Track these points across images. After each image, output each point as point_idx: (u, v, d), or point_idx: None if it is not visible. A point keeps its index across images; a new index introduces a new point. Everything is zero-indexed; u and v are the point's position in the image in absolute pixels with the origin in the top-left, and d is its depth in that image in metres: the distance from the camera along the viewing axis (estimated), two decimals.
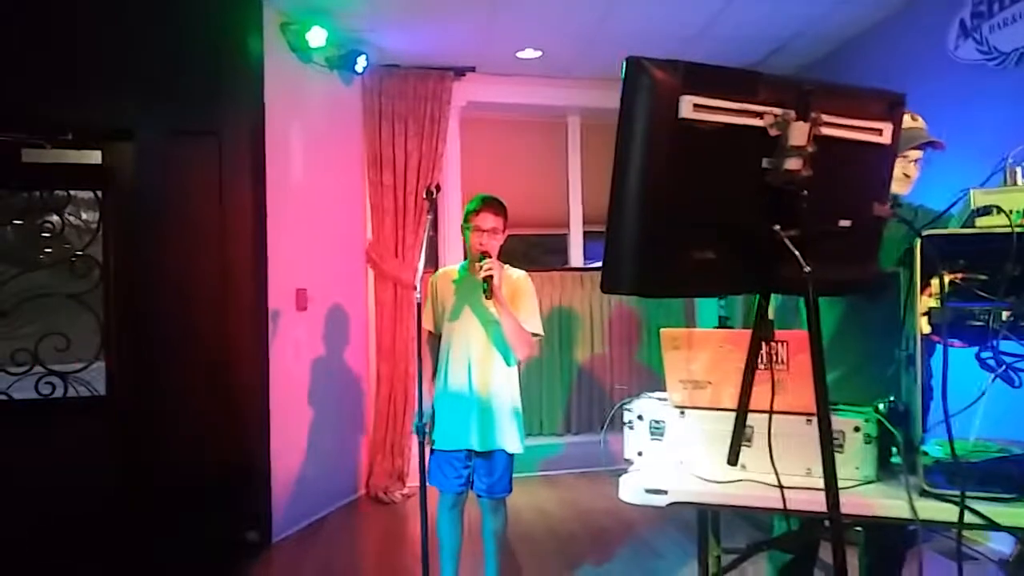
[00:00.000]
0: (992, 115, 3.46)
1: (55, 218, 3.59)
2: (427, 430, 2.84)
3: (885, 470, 1.87)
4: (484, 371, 2.89)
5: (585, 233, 5.77)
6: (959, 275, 1.68)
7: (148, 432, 3.55)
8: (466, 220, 2.91)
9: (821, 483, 1.67)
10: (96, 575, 3.32)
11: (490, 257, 2.78)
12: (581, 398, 5.67)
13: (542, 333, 2.96)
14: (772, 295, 1.20)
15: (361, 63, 4.60)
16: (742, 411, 1.17)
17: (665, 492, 1.89)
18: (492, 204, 2.90)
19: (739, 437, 1.21)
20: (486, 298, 2.75)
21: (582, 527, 4.20)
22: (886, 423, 1.83)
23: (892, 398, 1.90)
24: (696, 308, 5.79)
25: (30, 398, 3.51)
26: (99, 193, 3.62)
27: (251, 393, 3.82)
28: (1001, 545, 3.20)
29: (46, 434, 3.47)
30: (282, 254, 4.03)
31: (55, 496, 3.40)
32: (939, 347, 1.66)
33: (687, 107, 0.97)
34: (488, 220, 2.85)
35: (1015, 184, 1.68)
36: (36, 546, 3.33)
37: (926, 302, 1.67)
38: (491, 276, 2.72)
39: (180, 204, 3.66)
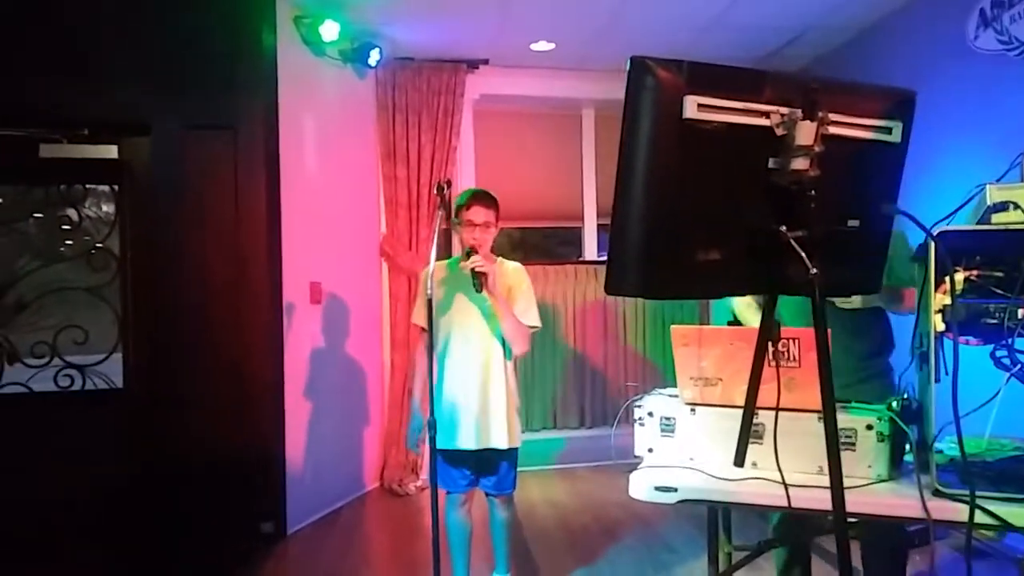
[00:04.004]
0: (1012, 106, 3.40)
1: (73, 212, 3.64)
2: (421, 433, 2.87)
3: (898, 468, 1.85)
4: (484, 367, 2.85)
5: (599, 226, 5.75)
6: (975, 272, 1.66)
7: (164, 425, 3.58)
8: (456, 215, 2.88)
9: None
10: (113, 566, 3.37)
11: (477, 253, 2.73)
12: (595, 392, 5.66)
13: (539, 325, 2.92)
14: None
15: (374, 56, 4.59)
16: (748, 414, 1.16)
17: (675, 489, 1.89)
18: (482, 198, 2.86)
19: (745, 439, 1.20)
20: (476, 291, 2.71)
21: (594, 520, 4.20)
22: (899, 421, 1.81)
23: (906, 395, 1.89)
24: (710, 302, 5.76)
25: (49, 390, 3.56)
26: (115, 187, 3.66)
27: (266, 386, 3.85)
28: (1017, 542, 3.16)
29: (64, 426, 3.52)
30: (296, 248, 4.05)
31: (73, 487, 3.45)
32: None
33: (691, 107, 0.96)
34: (480, 214, 2.81)
35: None
36: (55, 537, 3.39)
37: (940, 299, 1.65)
38: (482, 272, 2.68)
39: (195, 198, 3.69)
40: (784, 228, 1.01)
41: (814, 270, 0.97)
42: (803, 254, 0.98)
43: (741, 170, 1.03)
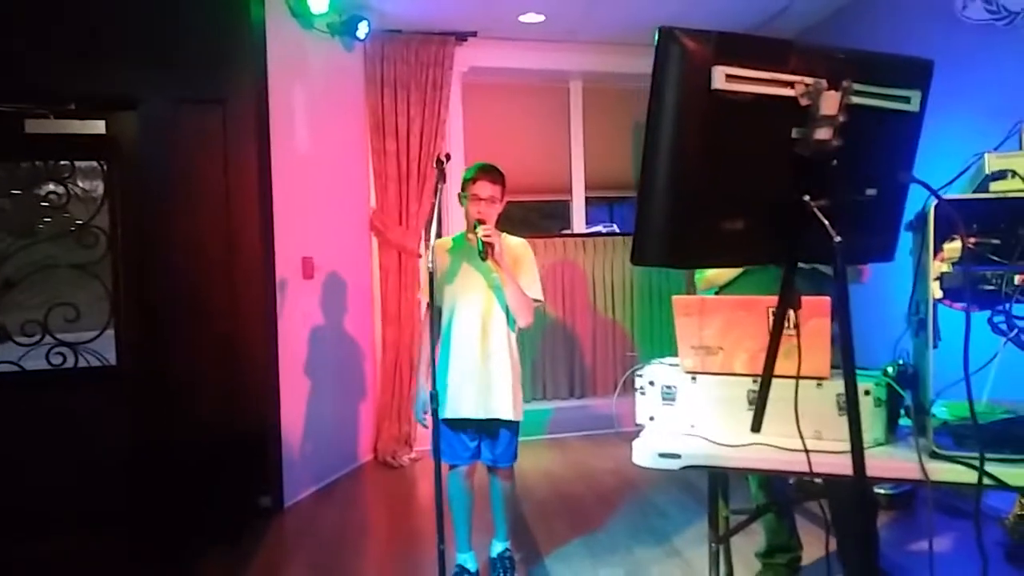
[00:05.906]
0: (1001, 76, 3.44)
1: (60, 188, 3.58)
2: (427, 405, 2.89)
3: (893, 432, 1.91)
4: (488, 339, 2.88)
5: (587, 199, 5.76)
6: (972, 239, 1.70)
7: (159, 400, 3.58)
8: (463, 189, 2.89)
9: (830, 446, 1.72)
10: (110, 542, 3.38)
11: (485, 224, 2.76)
12: (584, 362, 5.72)
13: (542, 299, 2.95)
14: None
15: (363, 29, 4.53)
16: (766, 380, 1.19)
17: (678, 456, 1.93)
18: (489, 172, 2.87)
19: (763, 404, 1.24)
20: (482, 259, 2.74)
21: (587, 488, 4.27)
22: (895, 386, 1.86)
23: (901, 360, 1.94)
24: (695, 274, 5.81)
25: (41, 368, 3.54)
26: (103, 163, 3.61)
27: (260, 360, 3.85)
28: (998, 502, 3.26)
29: (58, 404, 3.51)
30: (288, 223, 4.03)
31: (68, 465, 3.45)
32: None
33: (720, 78, 0.98)
34: (486, 188, 2.83)
35: None
36: (50, 515, 3.39)
37: (938, 267, 1.70)
38: (490, 240, 2.71)
39: (185, 173, 3.65)
40: (807, 197, 1.03)
41: (838, 238, 1.00)
42: (826, 223, 1.01)
43: (765, 140, 1.05)
